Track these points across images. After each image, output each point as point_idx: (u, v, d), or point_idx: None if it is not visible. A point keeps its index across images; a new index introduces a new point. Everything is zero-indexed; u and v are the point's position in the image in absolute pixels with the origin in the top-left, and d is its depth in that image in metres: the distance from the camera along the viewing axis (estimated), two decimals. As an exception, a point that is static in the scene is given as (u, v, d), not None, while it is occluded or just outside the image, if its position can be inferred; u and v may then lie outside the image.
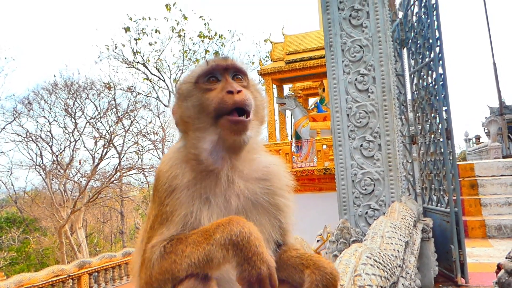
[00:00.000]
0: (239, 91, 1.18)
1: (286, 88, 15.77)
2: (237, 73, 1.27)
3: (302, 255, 1.24)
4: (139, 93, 26.08)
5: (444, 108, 5.39)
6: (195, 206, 1.16)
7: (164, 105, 26.09)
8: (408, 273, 2.90)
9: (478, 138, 24.41)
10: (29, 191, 27.95)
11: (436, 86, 5.47)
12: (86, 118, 24.77)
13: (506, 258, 2.54)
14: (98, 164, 24.70)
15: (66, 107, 24.32)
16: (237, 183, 1.22)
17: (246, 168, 1.25)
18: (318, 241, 8.10)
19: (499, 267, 2.80)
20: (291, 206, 1.33)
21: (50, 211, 24.19)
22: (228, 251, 1.01)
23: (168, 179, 1.20)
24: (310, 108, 15.62)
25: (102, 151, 24.85)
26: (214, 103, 1.18)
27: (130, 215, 32.76)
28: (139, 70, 25.27)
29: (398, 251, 2.69)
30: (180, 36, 24.91)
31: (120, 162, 25.14)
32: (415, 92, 6.26)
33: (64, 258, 21.95)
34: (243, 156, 1.25)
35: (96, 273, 12.05)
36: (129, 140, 26.09)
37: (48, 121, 24.50)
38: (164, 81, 25.29)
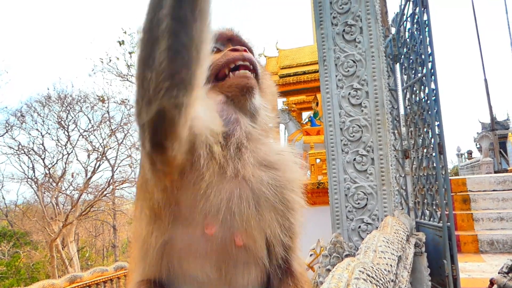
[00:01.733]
0: (244, 50, 1.13)
1: (280, 102, 15.84)
2: (243, 45, 1.21)
3: None
4: (133, 106, 26.01)
5: (436, 123, 5.45)
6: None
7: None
8: (401, 288, 2.89)
9: (470, 153, 24.59)
10: (21, 204, 27.61)
11: (428, 101, 5.53)
12: (79, 131, 24.67)
13: (498, 273, 2.55)
14: (91, 177, 24.53)
15: (59, 120, 24.21)
16: (247, 163, 1.07)
17: (256, 150, 1.11)
18: (311, 255, 8.08)
19: (491, 282, 2.80)
20: (301, 203, 1.22)
21: (41, 224, 23.89)
22: None
23: None
24: (304, 122, 15.69)
25: (95, 164, 24.72)
26: (219, 61, 1.13)
27: (122, 228, 32.41)
28: (133, 83, 25.27)
29: (391, 265, 2.68)
30: (175, 49, 25.00)
31: (113, 175, 24.99)
32: (408, 107, 6.32)
33: (55, 272, 21.61)
34: (254, 136, 1.13)
35: (87, 288, 11.89)
36: (122, 153, 25.99)
37: (41, 133, 24.36)
38: (158, 94, 25.26)
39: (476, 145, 22.77)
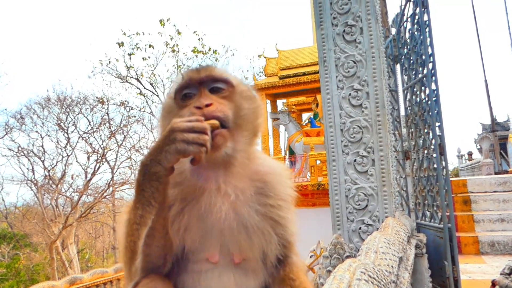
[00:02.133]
0: (208, 105, 1.08)
1: (280, 103, 15.85)
2: (216, 83, 1.16)
3: None
4: (132, 107, 26.05)
5: (437, 124, 5.43)
6: (177, 228, 1.11)
7: (157, 119, 26.02)
8: (402, 289, 2.87)
9: (470, 154, 24.59)
10: (20, 206, 27.60)
11: (429, 102, 5.52)
12: (79, 133, 24.67)
13: (500, 274, 2.53)
14: (90, 179, 24.52)
15: (59, 122, 24.20)
16: (218, 203, 1.13)
17: (232, 182, 1.15)
18: (311, 256, 8.06)
19: (493, 284, 2.79)
20: (291, 218, 1.25)
21: (41, 226, 23.87)
22: None
23: None
24: (304, 123, 15.69)
25: (95, 166, 24.70)
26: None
27: (122, 230, 32.36)
28: (132, 84, 25.30)
29: (392, 266, 2.67)
30: (174, 51, 25.02)
31: (113, 177, 24.98)
32: (408, 108, 6.31)
33: (55, 274, 21.59)
34: (235, 171, 1.15)
35: (87, 290, 11.88)
36: (122, 155, 25.98)
37: (41, 135, 24.36)
38: (157, 96, 25.29)
39: (477, 146, 22.77)
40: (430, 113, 5.47)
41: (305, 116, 17.12)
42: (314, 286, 5.28)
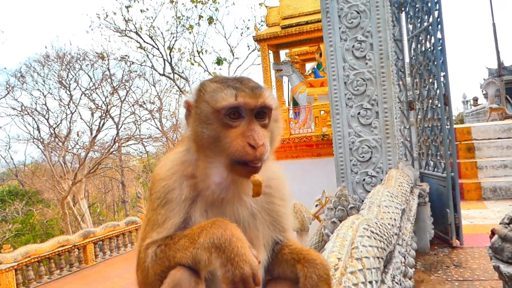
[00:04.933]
0: (260, 145, 1.12)
1: (283, 53, 15.57)
2: (263, 109, 1.19)
3: (293, 250, 1.28)
4: (133, 62, 25.74)
5: (442, 74, 5.37)
6: (193, 216, 1.18)
7: (159, 73, 25.77)
8: (404, 240, 2.98)
9: (476, 100, 24.35)
10: (29, 164, 28.07)
11: (434, 51, 5.42)
12: (81, 90, 24.51)
13: (500, 223, 2.60)
14: (96, 135, 24.70)
15: (60, 79, 24.01)
16: (238, 210, 1.23)
17: (250, 193, 1.21)
18: (316, 205, 8.25)
19: (493, 233, 2.87)
20: (289, 213, 1.37)
21: (51, 183, 24.39)
22: (211, 254, 1.04)
23: (163, 189, 1.19)
24: (307, 74, 15.49)
25: (99, 123, 24.78)
26: (233, 149, 1.13)
27: (131, 184, 33.09)
28: (132, 38, 24.77)
29: (394, 219, 2.75)
30: (172, 1, 24.25)
31: (118, 132, 25.13)
32: (413, 57, 6.21)
33: (68, 228, 22.34)
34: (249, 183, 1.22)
35: (101, 242, 12.33)
36: (126, 111, 25.95)
37: (43, 93, 24.27)
38: (158, 49, 24.84)
39: (482, 91, 22.51)
40: (435, 63, 5.39)
41: (309, 66, 16.87)
42: (319, 235, 5.46)
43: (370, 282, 1.73)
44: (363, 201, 4.03)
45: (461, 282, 4.40)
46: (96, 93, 24.93)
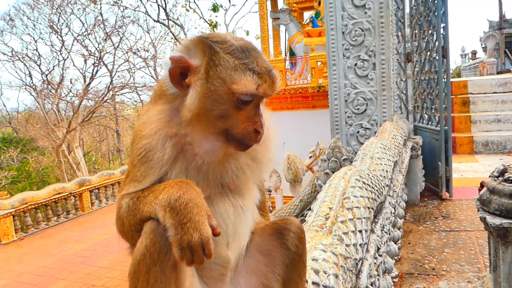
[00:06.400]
0: (264, 129, 1.15)
1: (281, 1, 15.09)
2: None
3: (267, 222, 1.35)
4: (126, 7, 24.95)
5: (442, 25, 5.25)
6: (170, 174, 1.17)
7: (153, 20, 25.04)
8: (395, 191, 3.04)
9: (474, 53, 24.03)
10: (22, 111, 27.84)
11: (436, 1, 5.27)
12: (73, 35, 23.84)
13: (489, 176, 2.64)
14: (89, 83, 24.31)
15: (51, 24, 23.26)
16: (225, 169, 1.23)
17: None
18: (310, 157, 8.34)
19: (481, 185, 2.92)
20: (268, 161, 1.36)
21: (45, 131, 24.31)
22: (165, 213, 1.03)
23: (145, 147, 1.16)
24: (305, 23, 15.09)
25: (93, 70, 24.34)
26: (238, 131, 1.13)
27: (126, 133, 33.07)
28: (124, -19, 23.88)
29: (386, 171, 2.79)
30: None
31: (112, 80, 24.76)
32: (414, 8, 6.05)
33: (64, 176, 22.53)
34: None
35: (97, 190, 12.51)
36: (119, 58, 25.44)
37: (33, 38, 23.58)
38: (152, -7, 23.99)
39: (482, 44, 22.19)
40: (436, 13, 5.26)
41: (307, 15, 16.40)
42: (311, 186, 5.55)
43: (360, 231, 1.77)
44: (356, 153, 4.06)
45: (448, 233, 4.55)
46: (89, 39, 24.29)
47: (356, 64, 4.90)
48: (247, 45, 1.17)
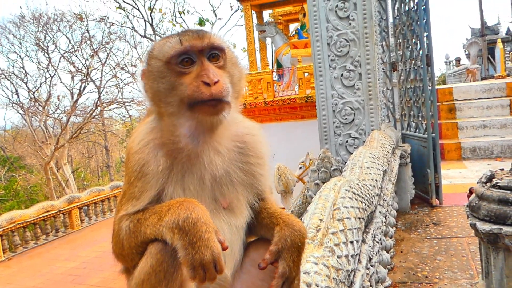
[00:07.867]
0: (216, 82, 1.11)
1: (266, 14, 15.23)
2: (214, 50, 1.18)
3: (273, 213, 1.29)
4: (113, 23, 24.92)
5: (425, 34, 5.34)
6: (168, 188, 1.17)
7: (140, 35, 25.07)
8: (385, 200, 3.04)
9: (458, 60, 24.44)
10: (9, 130, 27.53)
11: (418, 11, 5.37)
12: (60, 52, 23.76)
13: (477, 182, 2.66)
14: (77, 99, 24.15)
15: (37, 41, 23.18)
16: (214, 161, 1.22)
17: (222, 143, 1.24)
18: (300, 167, 8.35)
19: (470, 192, 2.94)
20: (267, 174, 1.36)
21: (33, 148, 24.05)
22: (174, 234, 1.03)
23: (138, 162, 1.17)
24: (291, 35, 15.24)
25: (80, 86, 24.21)
26: (189, 92, 1.12)
27: (114, 148, 32.84)
28: (111, -3, 23.92)
29: (376, 180, 2.80)
30: (152, -41, 23.32)
31: (99, 96, 24.64)
32: (397, 17, 6.14)
33: (52, 193, 22.22)
34: (219, 132, 1.22)
35: (86, 207, 12.33)
36: (107, 74, 25.37)
37: (20, 56, 23.47)
38: (138, 9, 24.02)
39: (465, 51, 22.58)
40: (419, 23, 5.35)
41: (292, 27, 16.57)
42: (302, 197, 5.55)
43: (351, 242, 1.77)
44: (345, 162, 4.08)
45: (439, 240, 4.56)
46: (76, 56, 24.21)
47: (342, 75, 4.95)
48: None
